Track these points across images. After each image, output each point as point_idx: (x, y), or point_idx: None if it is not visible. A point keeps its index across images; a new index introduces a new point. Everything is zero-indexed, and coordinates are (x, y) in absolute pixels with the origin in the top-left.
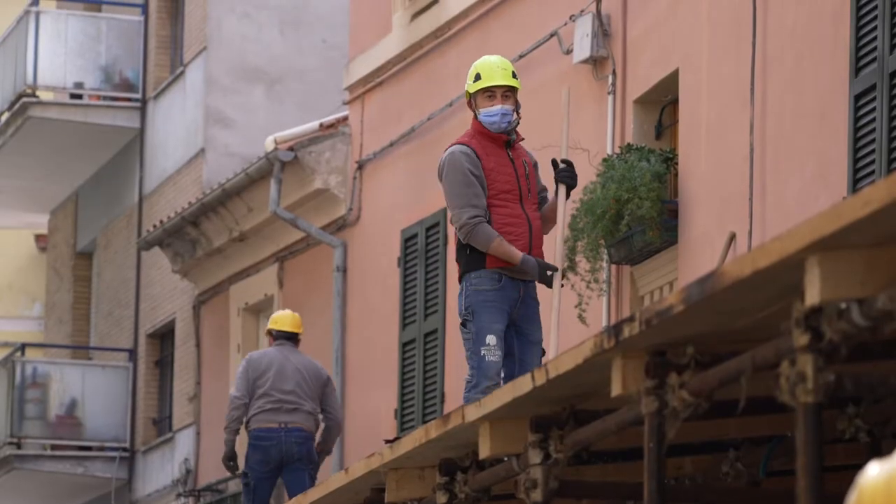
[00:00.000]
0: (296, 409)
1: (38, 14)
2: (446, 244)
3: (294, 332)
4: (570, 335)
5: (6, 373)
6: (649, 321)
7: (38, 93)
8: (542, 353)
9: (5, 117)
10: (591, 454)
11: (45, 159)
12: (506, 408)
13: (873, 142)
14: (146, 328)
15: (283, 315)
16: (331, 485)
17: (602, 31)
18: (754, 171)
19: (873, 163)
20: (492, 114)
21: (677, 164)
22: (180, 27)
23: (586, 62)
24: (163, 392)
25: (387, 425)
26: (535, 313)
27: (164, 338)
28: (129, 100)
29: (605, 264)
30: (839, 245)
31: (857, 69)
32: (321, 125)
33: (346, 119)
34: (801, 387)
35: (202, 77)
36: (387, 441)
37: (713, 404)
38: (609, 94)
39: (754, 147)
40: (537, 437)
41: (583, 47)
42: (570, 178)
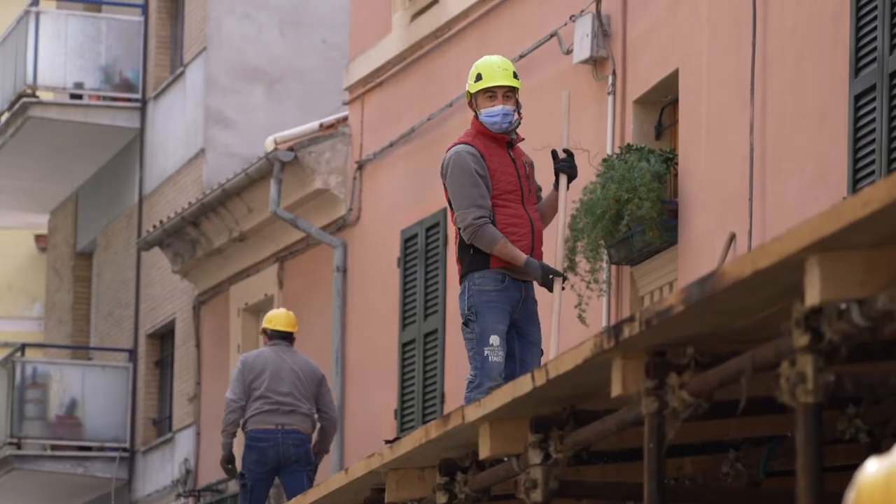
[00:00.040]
0: (293, 410)
1: (38, 14)
2: (446, 244)
3: (289, 332)
4: (570, 335)
5: (6, 373)
6: (649, 321)
7: (38, 93)
8: (540, 353)
9: (5, 117)
10: (591, 454)
11: (45, 159)
12: (506, 408)
13: (873, 142)
14: (146, 328)
15: (277, 314)
16: (331, 485)
17: (602, 31)
18: (754, 172)
19: (873, 163)
20: (493, 114)
21: (677, 164)
22: (180, 27)
23: (586, 62)
24: (163, 392)
25: (387, 425)
26: (536, 314)
27: (164, 338)
28: (129, 100)
29: (604, 265)
30: (839, 245)
31: (857, 69)
32: (321, 125)
33: (346, 119)
34: (801, 387)
35: (202, 77)
36: (387, 441)
37: (713, 405)
38: (609, 94)
39: (754, 147)
40: (537, 438)
41: (583, 47)
42: (570, 168)
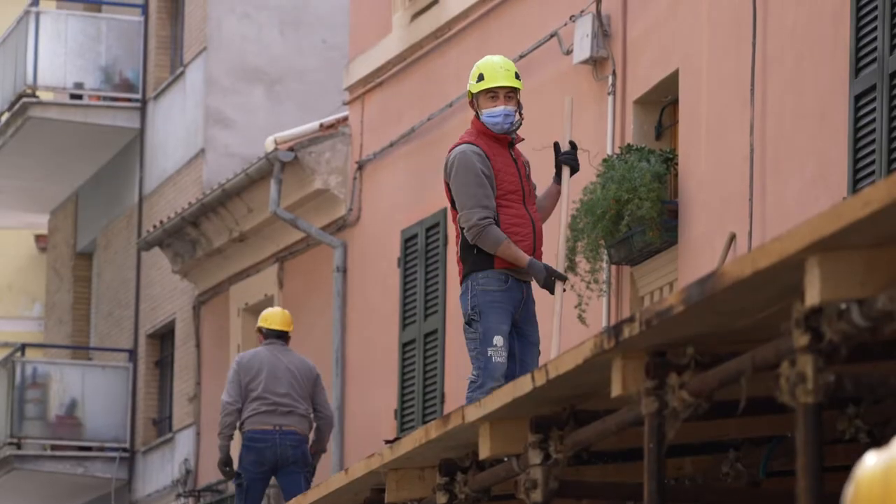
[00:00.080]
0: (290, 411)
1: (38, 14)
2: (446, 244)
3: (284, 331)
4: (570, 336)
5: (6, 373)
6: (649, 322)
7: (38, 93)
8: (538, 353)
9: (5, 117)
10: (591, 454)
11: (45, 159)
12: (506, 408)
13: (873, 142)
14: (146, 328)
15: (273, 313)
16: (331, 485)
17: (602, 31)
18: (754, 172)
19: (873, 163)
20: (494, 114)
21: (677, 164)
22: (180, 27)
23: (586, 63)
24: (163, 392)
25: (387, 425)
26: (535, 314)
27: (164, 338)
28: (129, 100)
29: (605, 265)
30: (839, 245)
31: (857, 69)
32: (321, 125)
33: (346, 119)
34: (801, 387)
35: (202, 77)
36: (387, 441)
37: (713, 405)
38: (609, 94)
39: (754, 147)
40: (537, 438)
41: (583, 48)
42: (573, 160)
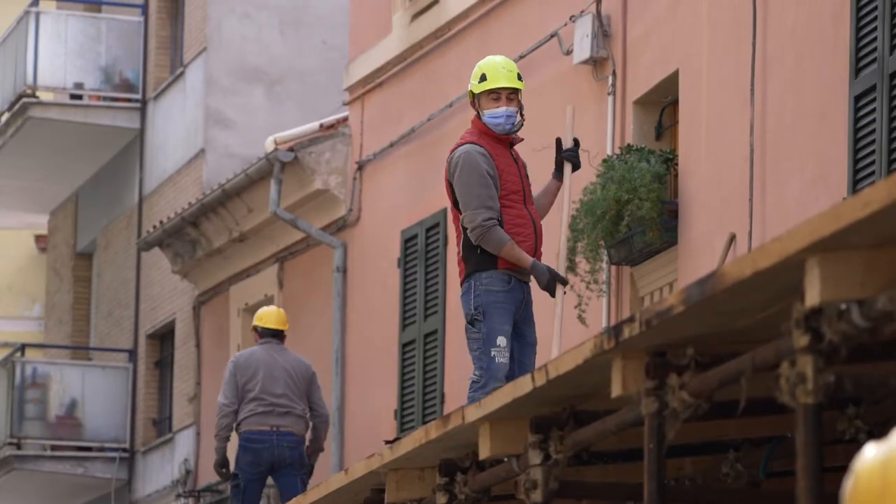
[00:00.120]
0: (287, 412)
1: (38, 14)
2: (446, 245)
3: (280, 330)
4: (569, 336)
5: (6, 373)
6: (649, 322)
7: (38, 93)
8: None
9: (5, 118)
10: (591, 455)
11: (45, 160)
12: (506, 408)
13: (873, 143)
14: (146, 329)
15: (268, 311)
16: (331, 485)
17: (602, 31)
18: (754, 172)
19: (873, 164)
20: (497, 115)
21: (677, 164)
22: (180, 28)
23: (586, 63)
24: (163, 392)
25: (387, 426)
26: (533, 314)
27: (164, 338)
28: (129, 100)
29: (604, 265)
30: (839, 246)
31: (857, 70)
32: (321, 126)
33: (346, 120)
34: (801, 388)
35: (202, 78)
36: (387, 442)
37: (713, 405)
38: (609, 94)
39: (754, 147)
40: (537, 438)
41: (583, 48)
42: (575, 157)
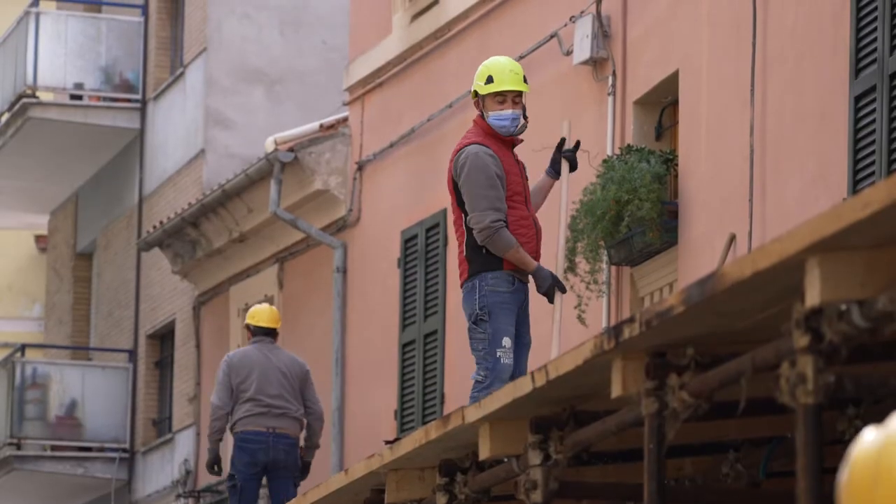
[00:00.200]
0: (283, 413)
1: (38, 15)
2: (446, 245)
3: (272, 328)
4: (569, 336)
5: (6, 373)
6: (649, 322)
7: (38, 93)
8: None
9: (5, 118)
10: (591, 455)
11: (45, 160)
12: (506, 409)
13: (873, 143)
14: (146, 329)
15: (260, 310)
16: (331, 485)
17: (602, 32)
18: (754, 172)
19: (873, 164)
20: (502, 118)
21: (677, 165)
22: (180, 28)
23: (586, 63)
24: (163, 393)
25: (387, 426)
26: (529, 315)
27: (164, 338)
28: (129, 101)
29: (604, 265)
30: (839, 246)
31: (857, 70)
32: (321, 126)
33: (346, 120)
34: (802, 388)
35: (202, 78)
36: (387, 442)
37: (713, 405)
38: (609, 95)
39: (754, 148)
40: (537, 438)
41: (583, 48)
42: (575, 158)
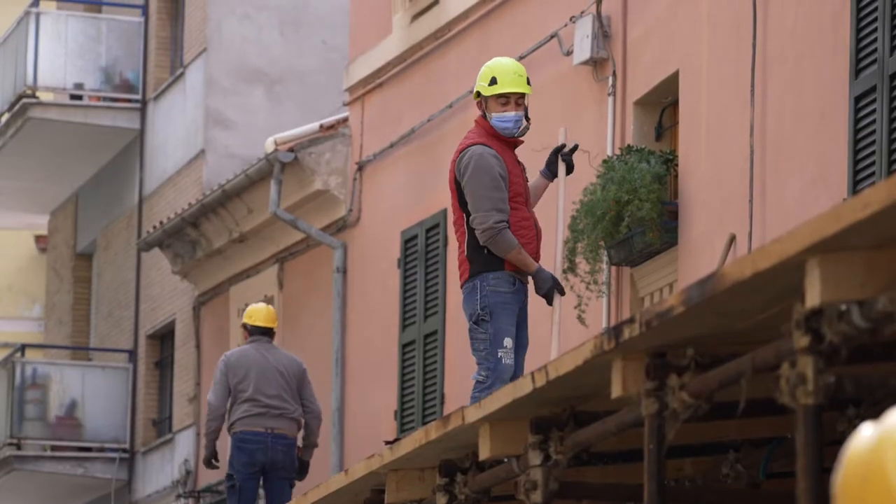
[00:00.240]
0: (281, 414)
1: (38, 15)
2: (446, 245)
3: (269, 327)
4: (569, 337)
5: (6, 374)
6: (649, 323)
7: (38, 94)
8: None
9: (5, 118)
10: (591, 455)
11: (45, 160)
12: (506, 409)
13: (873, 143)
14: (146, 329)
15: (257, 309)
16: (331, 486)
17: (602, 32)
18: (754, 173)
19: (873, 164)
20: (506, 120)
21: (677, 165)
22: (180, 28)
23: (586, 63)
24: (163, 393)
25: (387, 426)
26: (527, 317)
27: (164, 339)
28: (129, 101)
29: (604, 266)
30: (839, 247)
31: (857, 71)
32: (321, 126)
33: (346, 120)
34: (802, 388)
35: (202, 78)
36: (387, 442)
37: (713, 406)
38: (609, 95)
39: (754, 148)
40: (537, 439)
41: (583, 49)
42: (572, 160)
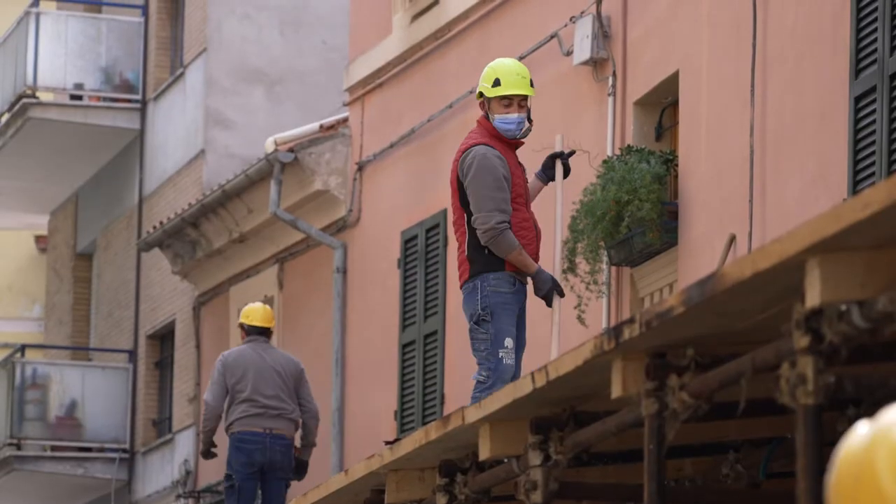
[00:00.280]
0: (279, 414)
1: (38, 15)
2: (446, 246)
3: (266, 327)
4: (569, 337)
5: (6, 374)
6: (649, 323)
7: (38, 94)
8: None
9: (5, 118)
10: (591, 456)
11: (45, 160)
12: (506, 409)
13: (873, 143)
14: (146, 329)
15: (254, 308)
16: (331, 486)
17: (602, 32)
18: (754, 173)
19: (873, 164)
20: (509, 121)
21: (677, 165)
22: (180, 28)
23: (586, 64)
24: (163, 393)
25: (387, 426)
26: (526, 317)
27: (164, 339)
28: (129, 101)
29: (604, 266)
30: (839, 247)
31: (857, 71)
32: (321, 126)
33: (346, 120)
34: (802, 388)
35: (202, 78)
36: (387, 442)
37: (713, 406)
38: (609, 95)
39: (754, 148)
40: (537, 439)
41: (583, 49)
42: (567, 163)
